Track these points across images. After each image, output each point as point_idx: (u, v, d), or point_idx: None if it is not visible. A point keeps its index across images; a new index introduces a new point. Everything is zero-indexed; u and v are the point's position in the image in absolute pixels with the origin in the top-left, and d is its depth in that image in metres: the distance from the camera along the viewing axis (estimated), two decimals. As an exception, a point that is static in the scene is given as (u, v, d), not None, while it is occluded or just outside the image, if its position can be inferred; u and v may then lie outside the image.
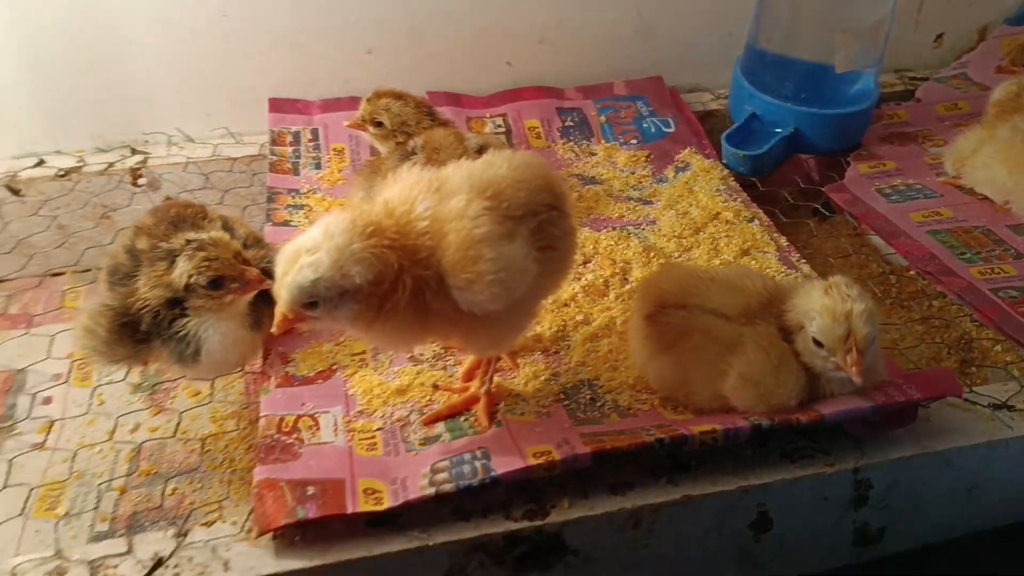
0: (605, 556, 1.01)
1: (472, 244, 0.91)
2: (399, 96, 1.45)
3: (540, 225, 0.99)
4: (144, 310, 1.12)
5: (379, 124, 1.44)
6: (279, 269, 0.92)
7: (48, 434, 1.30)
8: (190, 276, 1.09)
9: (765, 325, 1.04)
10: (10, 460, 1.21)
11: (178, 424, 1.27)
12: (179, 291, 1.10)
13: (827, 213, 1.57)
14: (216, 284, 1.09)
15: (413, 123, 1.43)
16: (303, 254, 0.90)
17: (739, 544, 1.06)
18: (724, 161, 1.59)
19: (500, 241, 0.93)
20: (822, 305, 1.00)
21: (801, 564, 1.11)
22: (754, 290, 1.08)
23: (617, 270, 1.34)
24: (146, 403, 1.36)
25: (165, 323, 1.12)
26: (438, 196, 0.95)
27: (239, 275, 1.10)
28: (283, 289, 0.90)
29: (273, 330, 0.94)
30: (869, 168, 1.59)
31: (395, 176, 1.01)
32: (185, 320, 1.12)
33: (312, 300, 0.90)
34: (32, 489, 1.17)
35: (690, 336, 1.07)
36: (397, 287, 0.92)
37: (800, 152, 1.65)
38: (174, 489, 1.21)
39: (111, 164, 1.63)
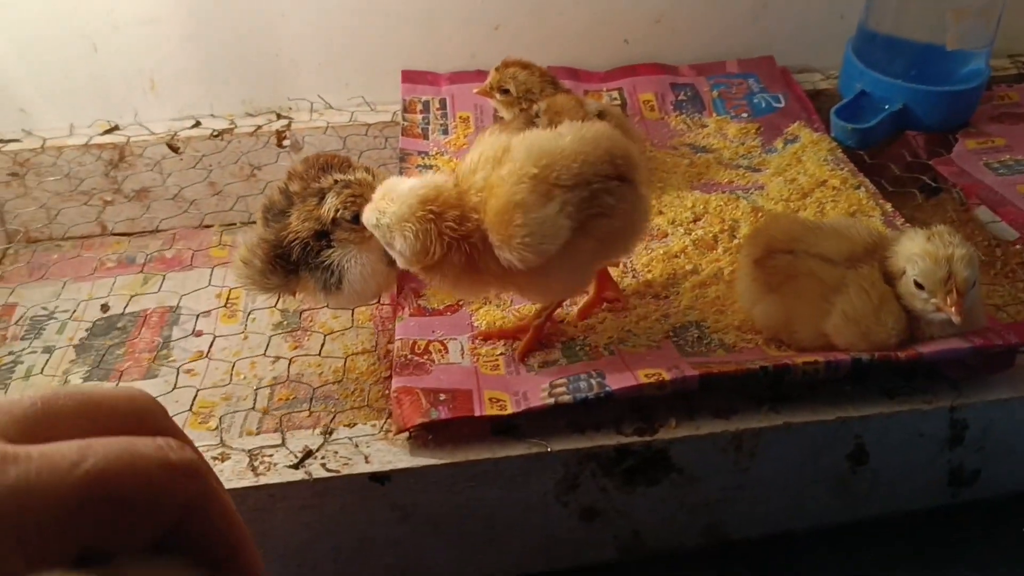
0: (708, 476, 1.09)
1: (507, 208, 1.01)
2: (526, 66, 1.55)
3: (593, 194, 1.05)
4: (295, 242, 1.25)
5: (505, 92, 1.54)
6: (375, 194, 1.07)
7: (199, 361, 1.45)
8: (337, 211, 1.21)
9: (868, 268, 1.10)
10: (177, 368, 1.37)
11: (322, 345, 1.40)
12: (326, 224, 1.23)
13: (933, 184, 1.60)
14: (359, 219, 1.22)
15: (537, 91, 1.54)
16: (384, 198, 1.05)
17: (837, 475, 1.12)
18: (832, 135, 1.65)
19: (534, 207, 1.01)
20: (924, 249, 1.06)
21: (897, 500, 1.16)
22: (859, 238, 1.14)
23: (726, 227, 1.41)
24: (285, 339, 1.50)
25: (313, 254, 1.25)
26: (496, 164, 1.05)
27: None
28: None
29: None
30: (977, 144, 1.62)
31: (479, 140, 1.12)
32: (330, 251, 1.24)
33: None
34: (196, 391, 1.31)
35: (796, 279, 1.14)
36: (445, 260, 1.04)
37: (908, 128, 1.68)
38: (311, 411, 1.33)
39: (259, 127, 1.78)
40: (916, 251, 1.07)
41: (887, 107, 1.63)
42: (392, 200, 1.03)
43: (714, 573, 1.15)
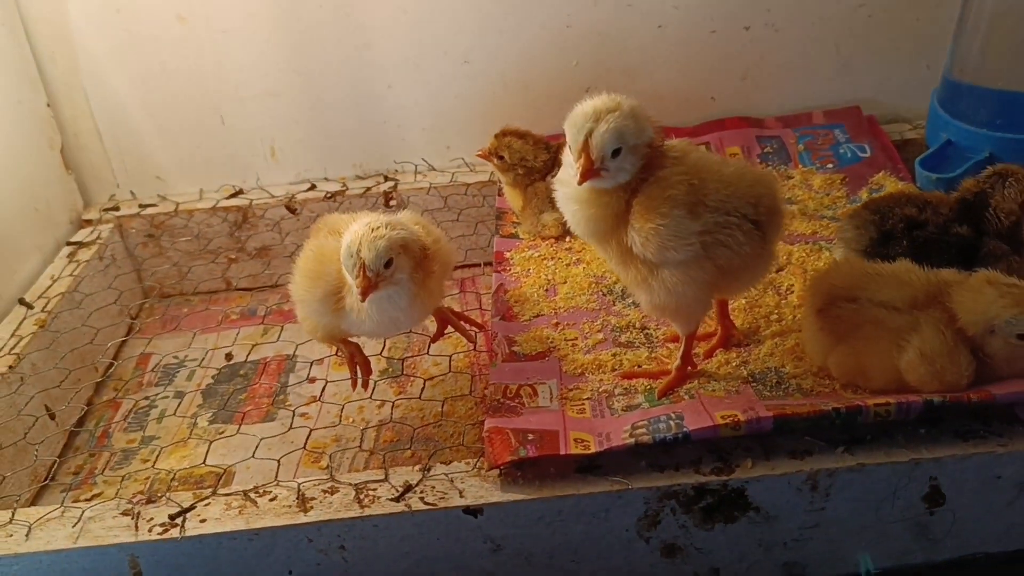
0: (784, 515, 1.13)
1: (659, 198, 1.12)
2: (522, 135, 1.71)
3: (726, 222, 1.14)
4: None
5: (501, 158, 1.68)
6: (577, 126, 1.13)
7: (312, 405, 1.57)
8: None
9: (940, 311, 1.14)
10: (293, 411, 1.49)
11: (422, 390, 1.51)
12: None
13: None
14: None
15: (531, 158, 1.69)
16: (604, 113, 1.12)
17: (914, 517, 1.14)
18: (918, 184, 1.67)
19: (679, 208, 1.12)
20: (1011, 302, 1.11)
21: (977, 542, 1.18)
22: (919, 283, 1.18)
23: (808, 278, 1.46)
24: (390, 384, 1.61)
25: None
26: (675, 162, 1.16)
27: None
28: (597, 137, 1.11)
29: (578, 181, 1.13)
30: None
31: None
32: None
33: (618, 147, 1.11)
34: (309, 432, 1.43)
35: (862, 327, 1.19)
36: (613, 195, 1.15)
37: (996, 177, 1.70)
38: (413, 452, 1.43)
39: (368, 188, 1.93)
40: (1000, 304, 1.11)
41: (973, 156, 1.65)
42: (614, 109, 1.12)
43: (795, 612, 1.18)
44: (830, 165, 1.80)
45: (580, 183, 1.12)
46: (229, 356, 1.74)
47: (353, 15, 1.83)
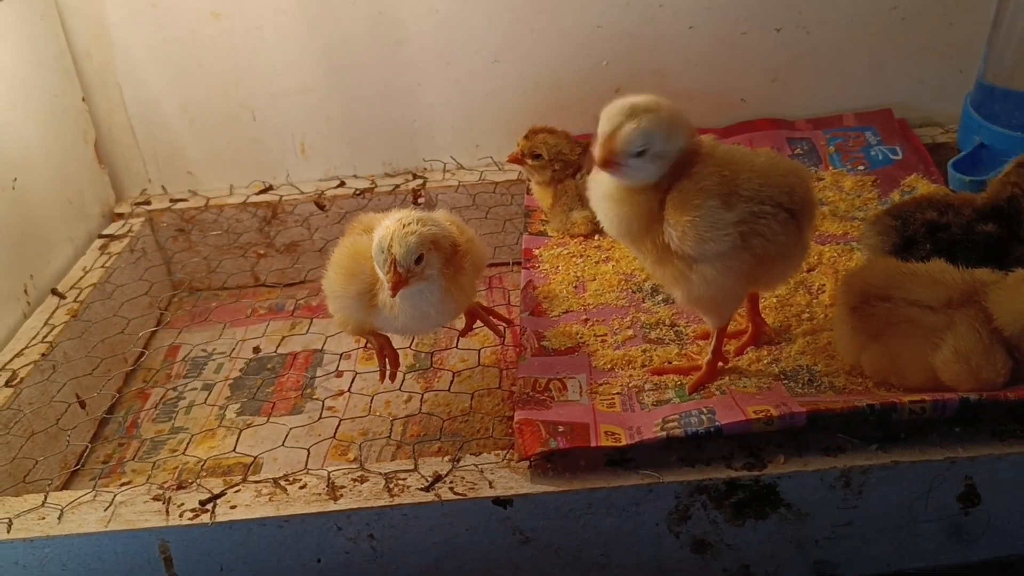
0: (816, 512, 1.12)
1: (693, 191, 1.12)
2: (552, 131, 1.71)
3: (761, 211, 1.13)
4: None
5: (538, 156, 1.69)
6: (611, 119, 1.12)
7: (340, 398, 1.58)
8: None
9: (976, 310, 1.13)
10: (321, 403, 1.50)
11: (451, 384, 1.51)
12: None
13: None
14: None
15: (567, 151, 1.69)
16: (640, 111, 1.11)
17: (948, 516, 1.13)
18: (950, 187, 1.66)
19: (713, 199, 1.12)
20: None
21: (1013, 544, 1.16)
22: (954, 283, 1.17)
23: (839, 278, 1.45)
24: (417, 379, 1.61)
25: None
26: (705, 156, 1.16)
27: None
28: (624, 132, 1.10)
29: (598, 165, 1.13)
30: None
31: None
32: None
33: (643, 148, 1.10)
34: (339, 421, 1.43)
35: (896, 325, 1.18)
36: (647, 193, 1.14)
37: (1029, 180, 1.68)
38: (440, 447, 1.43)
39: (397, 186, 1.94)
40: None
41: (1006, 159, 1.63)
42: (652, 109, 1.11)
43: (825, 612, 1.17)
44: (861, 167, 1.79)
45: (596, 167, 1.14)
46: (257, 349, 1.75)
47: (386, 13, 1.84)
